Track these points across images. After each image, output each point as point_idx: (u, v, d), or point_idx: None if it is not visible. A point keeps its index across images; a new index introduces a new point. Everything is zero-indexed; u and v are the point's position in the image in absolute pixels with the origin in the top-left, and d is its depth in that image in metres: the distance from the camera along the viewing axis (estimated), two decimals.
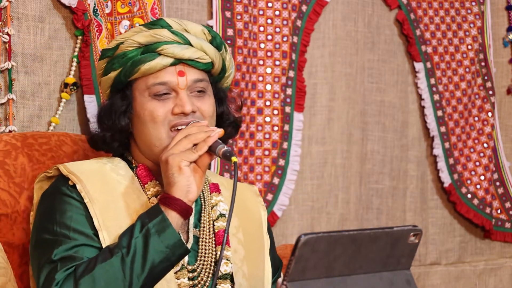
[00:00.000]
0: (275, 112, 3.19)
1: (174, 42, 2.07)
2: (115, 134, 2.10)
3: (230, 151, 1.96)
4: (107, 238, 1.96)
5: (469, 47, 3.61)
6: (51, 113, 2.66)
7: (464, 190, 3.58)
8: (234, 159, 1.94)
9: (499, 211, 3.66)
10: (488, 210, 3.60)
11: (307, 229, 3.31)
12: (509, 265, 3.75)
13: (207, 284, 2.07)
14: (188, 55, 2.07)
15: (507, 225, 3.67)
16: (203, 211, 2.13)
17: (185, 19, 2.21)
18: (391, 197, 3.51)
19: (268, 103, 3.18)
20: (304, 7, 3.26)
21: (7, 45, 2.54)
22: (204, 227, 2.11)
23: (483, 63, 3.65)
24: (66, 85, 2.66)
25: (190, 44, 2.08)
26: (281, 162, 3.20)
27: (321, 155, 3.34)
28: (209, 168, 3.05)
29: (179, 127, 2.04)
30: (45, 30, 2.62)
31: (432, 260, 3.61)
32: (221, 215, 2.14)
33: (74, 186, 2.02)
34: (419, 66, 3.52)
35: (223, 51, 2.15)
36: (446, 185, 3.56)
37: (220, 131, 1.99)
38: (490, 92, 3.65)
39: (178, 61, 2.07)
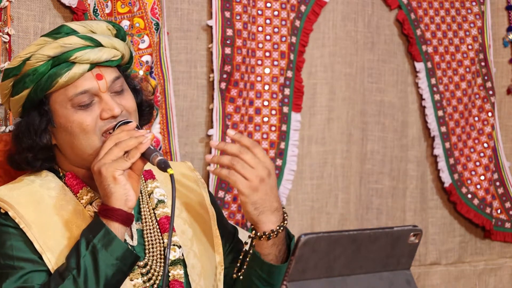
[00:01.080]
0: (273, 112, 3.19)
1: (85, 48, 1.99)
2: (38, 153, 2.03)
3: (165, 161, 1.92)
4: (52, 259, 1.92)
5: (470, 47, 3.61)
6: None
7: (464, 190, 3.58)
8: (170, 171, 1.91)
9: (499, 211, 3.66)
10: (488, 210, 3.60)
11: (307, 229, 3.31)
12: (509, 265, 3.75)
13: (160, 274, 2.04)
14: (105, 57, 2.00)
15: (507, 225, 3.67)
16: (141, 202, 2.10)
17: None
18: (391, 197, 3.51)
19: (266, 103, 3.18)
20: (303, 7, 3.26)
21: (7, 45, 2.54)
22: (146, 218, 2.08)
23: (483, 63, 3.65)
24: None
25: (101, 45, 2.01)
26: (279, 162, 3.20)
27: (320, 155, 3.34)
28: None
29: (111, 131, 1.99)
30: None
31: (432, 260, 3.61)
32: (160, 201, 2.11)
33: (6, 213, 1.96)
34: (419, 66, 3.52)
35: (127, 40, 2.11)
36: (446, 185, 3.56)
37: (150, 136, 1.94)
38: (490, 92, 3.65)
39: (94, 65, 2.00)
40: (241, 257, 2.13)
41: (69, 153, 2.03)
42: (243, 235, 2.29)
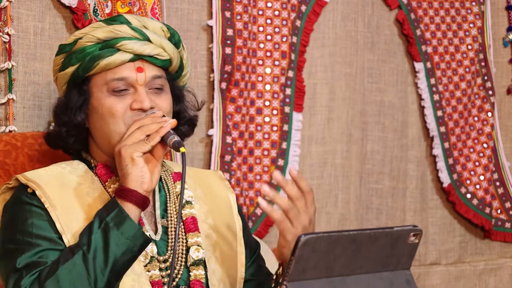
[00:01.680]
0: (274, 112, 3.19)
1: (133, 38, 2.05)
2: (71, 130, 2.09)
3: (179, 141, 1.96)
4: (71, 240, 1.95)
5: (469, 47, 3.61)
6: (51, 113, 2.65)
7: (463, 190, 3.58)
8: (182, 149, 1.95)
9: (499, 211, 3.66)
10: (487, 210, 3.60)
11: None
12: (509, 265, 3.75)
13: (180, 272, 2.06)
14: (148, 51, 2.06)
15: (507, 225, 3.67)
16: (168, 201, 2.12)
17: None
18: (391, 197, 3.51)
19: (267, 103, 3.18)
20: (303, 7, 3.26)
21: (7, 45, 2.54)
22: (171, 216, 2.10)
23: (483, 63, 3.65)
24: None
25: (149, 40, 2.07)
26: (280, 162, 3.20)
27: (321, 155, 3.34)
28: (209, 168, 3.06)
29: None
30: (45, 30, 2.62)
31: (432, 260, 3.61)
32: (187, 202, 2.13)
33: (33, 193, 2.00)
34: (419, 66, 3.52)
35: (181, 49, 2.15)
36: (445, 185, 3.56)
37: (173, 122, 1.99)
38: (490, 92, 3.65)
39: (137, 57, 2.05)
40: None
41: (99, 138, 2.08)
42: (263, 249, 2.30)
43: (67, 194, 2.02)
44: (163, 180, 2.15)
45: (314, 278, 1.64)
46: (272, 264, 2.83)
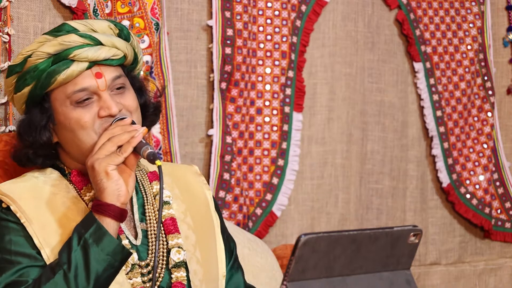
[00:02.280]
0: (275, 112, 3.19)
1: (85, 46, 2.00)
2: (38, 150, 2.05)
3: (154, 153, 1.92)
4: (50, 255, 1.93)
5: (469, 47, 3.61)
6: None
7: (463, 190, 3.58)
8: (158, 162, 1.92)
9: (499, 211, 3.66)
10: (487, 210, 3.60)
11: (307, 229, 3.30)
12: (509, 265, 3.75)
13: (162, 275, 2.04)
14: (103, 55, 2.01)
15: (507, 225, 3.67)
16: (146, 203, 2.10)
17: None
18: (391, 197, 3.51)
19: (267, 103, 3.18)
20: (303, 7, 3.26)
21: (7, 45, 2.54)
22: (150, 219, 2.08)
23: (483, 63, 3.65)
24: None
25: (101, 44, 2.02)
26: (280, 162, 3.20)
27: (321, 155, 3.34)
28: (209, 168, 3.05)
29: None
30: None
31: (432, 260, 3.61)
32: (165, 203, 2.11)
33: (8, 208, 1.97)
34: (418, 66, 3.52)
35: (131, 40, 2.11)
36: (444, 185, 3.56)
37: (143, 130, 1.96)
38: (490, 92, 3.65)
39: (93, 63, 2.01)
40: None
41: (71, 150, 2.04)
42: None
43: (42, 207, 1.99)
44: (138, 181, 2.12)
45: (314, 278, 1.64)
46: (271, 264, 2.83)
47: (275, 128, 3.19)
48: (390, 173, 3.50)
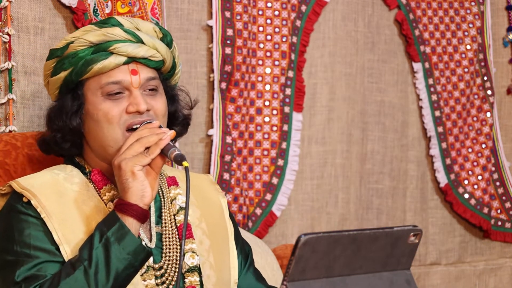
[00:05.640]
0: (274, 112, 3.19)
1: (126, 41, 2.04)
2: (66, 135, 2.07)
3: (181, 155, 1.94)
4: (68, 251, 1.94)
5: (468, 47, 3.61)
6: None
7: (461, 190, 3.58)
8: (185, 163, 1.93)
9: (499, 211, 3.66)
10: (485, 210, 3.60)
11: (307, 229, 3.31)
12: (509, 265, 3.75)
13: (174, 279, 2.05)
14: (142, 53, 2.04)
15: (507, 225, 3.67)
16: (163, 207, 2.12)
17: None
18: (391, 197, 3.51)
19: (267, 103, 3.18)
20: (303, 7, 3.26)
21: (7, 45, 2.54)
22: (165, 222, 2.10)
23: (482, 63, 3.65)
24: None
25: (143, 42, 2.06)
26: (280, 162, 3.20)
27: (321, 155, 3.34)
28: (209, 168, 3.06)
29: (134, 126, 2.02)
30: (45, 30, 2.62)
31: (432, 260, 3.61)
32: (181, 208, 2.12)
33: (28, 202, 1.99)
34: (417, 66, 3.52)
35: (173, 48, 2.14)
36: (442, 185, 3.56)
37: (171, 133, 1.97)
38: (489, 92, 3.65)
39: (131, 59, 2.04)
40: None
41: (96, 144, 2.06)
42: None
43: (63, 203, 2.00)
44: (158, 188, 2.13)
45: (314, 278, 1.64)
46: (271, 264, 2.83)
47: (275, 128, 3.20)
48: (390, 173, 3.50)
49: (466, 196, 3.59)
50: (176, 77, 2.19)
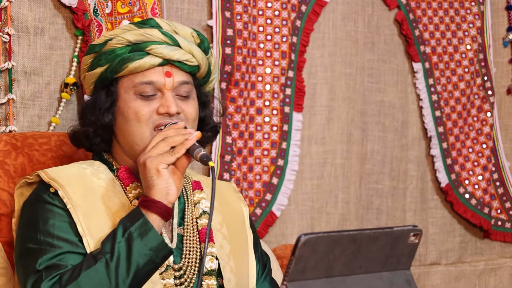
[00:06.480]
0: (274, 112, 3.20)
1: (163, 43, 2.07)
2: (98, 130, 2.10)
3: (207, 155, 1.97)
4: (91, 244, 1.96)
5: (468, 47, 3.61)
6: (51, 113, 2.66)
7: (461, 190, 3.58)
8: (211, 163, 1.95)
9: (499, 211, 3.66)
10: (486, 210, 3.60)
11: (307, 229, 3.31)
12: (509, 265, 3.75)
13: (193, 281, 2.07)
14: (177, 56, 2.07)
15: (507, 225, 3.67)
16: (186, 209, 2.13)
17: (175, 21, 2.21)
18: (391, 197, 3.51)
19: (267, 103, 3.18)
20: (303, 7, 3.26)
21: (7, 45, 2.54)
22: (187, 225, 2.12)
23: (482, 63, 3.65)
24: (66, 85, 2.66)
25: (179, 46, 2.08)
26: (280, 162, 3.20)
27: (321, 155, 3.34)
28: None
29: (162, 127, 2.04)
30: (45, 30, 2.62)
31: (432, 260, 3.61)
32: (204, 212, 2.14)
33: (55, 193, 2.01)
34: (417, 66, 3.52)
35: (209, 55, 2.16)
36: (443, 185, 3.57)
37: (197, 134, 1.99)
38: (490, 92, 3.65)
39: (166, 61, 2.07)
40: None
41: (124, 141, 2.09)
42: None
43: (89, 197, 2.03)
44: (182, 188, 2.16)
45: (314, 278, 1.64)
46: (272, 264, 2.83)
47: (275, 128, 3.20)
48: (390, 173, 3.50)
49: (467, 196, 3.59)
50: (211, 84, 2.21)
